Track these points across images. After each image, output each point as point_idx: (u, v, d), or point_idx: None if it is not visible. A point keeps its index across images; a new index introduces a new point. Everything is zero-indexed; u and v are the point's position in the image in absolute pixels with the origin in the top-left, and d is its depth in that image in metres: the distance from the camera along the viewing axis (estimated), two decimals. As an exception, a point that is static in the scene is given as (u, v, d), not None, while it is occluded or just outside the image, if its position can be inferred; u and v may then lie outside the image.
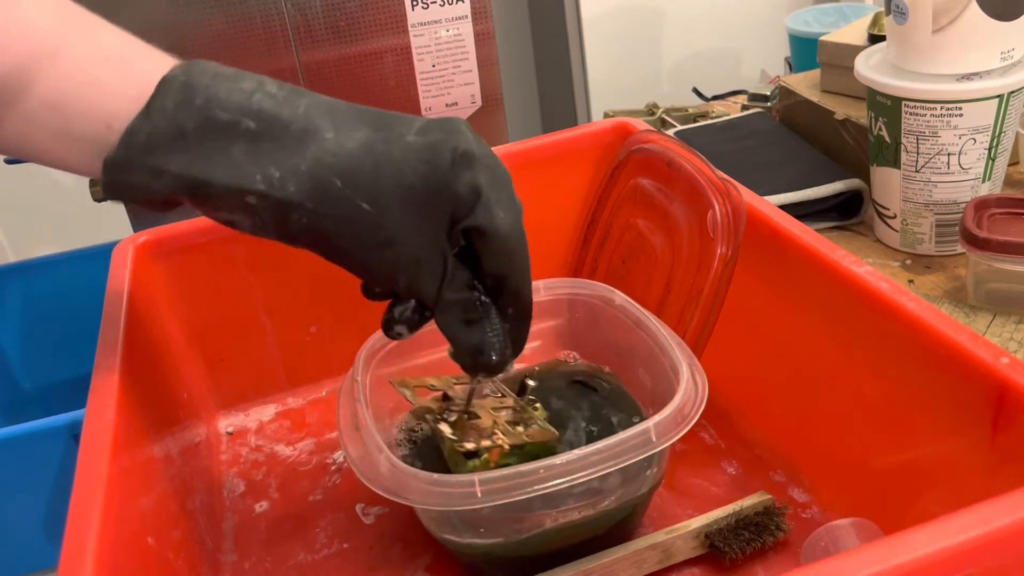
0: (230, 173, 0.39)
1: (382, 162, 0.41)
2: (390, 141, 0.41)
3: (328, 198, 0.40)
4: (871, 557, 0.32)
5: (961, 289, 0.73)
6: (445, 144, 0.41)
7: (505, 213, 0.43)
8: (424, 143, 0.41)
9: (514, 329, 0.47)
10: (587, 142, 0.73)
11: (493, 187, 0.43)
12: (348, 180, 0.40)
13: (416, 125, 0.42)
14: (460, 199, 0.42)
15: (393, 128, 0.42)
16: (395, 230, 0.41)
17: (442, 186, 0.41)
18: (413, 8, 0.89)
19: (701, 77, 1.55)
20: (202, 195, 0.40)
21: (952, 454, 0.46)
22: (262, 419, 0.70)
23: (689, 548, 0.51)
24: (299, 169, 0.39)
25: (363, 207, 0.40)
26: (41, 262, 1.02)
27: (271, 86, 0.41)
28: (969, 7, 0.68)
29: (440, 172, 0.41)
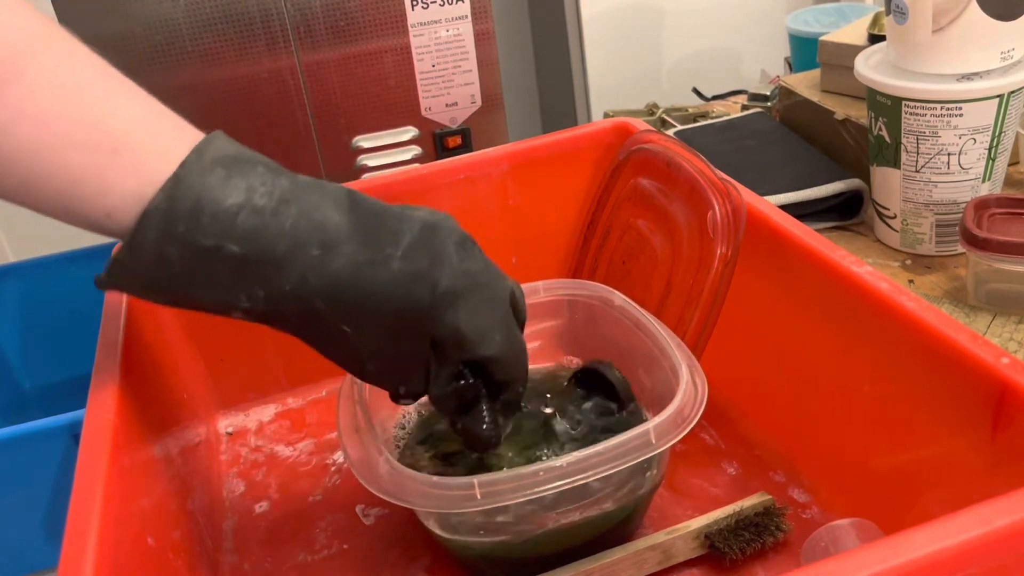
0: (216, 294, 0.41)
1: (365, 289, 0.42)
2: (376, 264, 0.42)
3: (310, 318, 0.42)
4: (871, 557, 0.32)
5: (961, 289, 0.73)
6: (427, 279, 0.43)
7: (496, 339, 0.45)
8: (408, 273, 0.42)
9: (507, 408, 0.50)
10: (587, 142, 0.73)
11: (477, 319, 0.44)
12: (331, 303, 0.42)
13: (404, 243, 0.43)
14: (441, 338, 0.44)
15: (381, 247, 0.42)
16: (375, 349, 0.43)
17: (421, 324, 0.43)
18: (413, 8, 0.89)
19: (701, 77, 1.55)
20: (191, 307, 0.42)
21: (952, 454, 0.45)
22: (262, 419, 0.70)
23: (689, 549, 0.51)
24: (283, 290, 0.41)
25: (344, 329, 0.42)
26: (41, 262, 1.02)
27: (260, 195, 0.41)
28: (969, 7, 0.68)
29: (420, 310, 0.43)
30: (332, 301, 0.42)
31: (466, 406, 0.48)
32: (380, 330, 0.43)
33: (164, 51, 0.93)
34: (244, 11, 0.95)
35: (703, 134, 0.99)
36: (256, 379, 0.71)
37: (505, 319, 0.46)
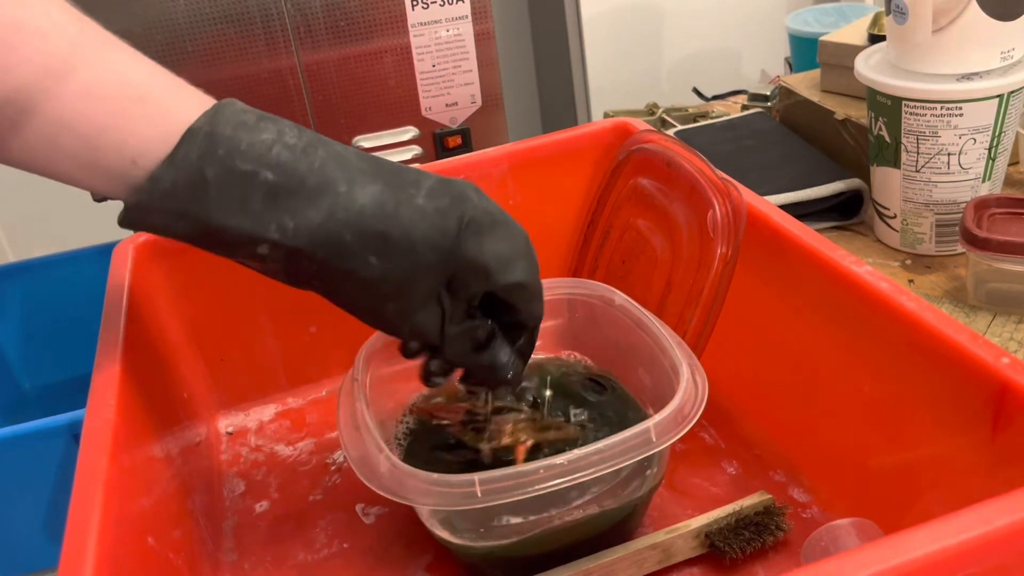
0: (247, 221, 0.41)
1: (391, 222, 0.43)
2: (400, 201, 0.43)
3: (338, 251, 0.42)
4: (871, 557, 0.32)
5: (961, 289, 0.73)
6: (452, 212, 0.44)
7: (521, 266, 0.46)
8: (433, 208, 0.44)
9: (523, 349, 0.51)
10: (587, 142, 0.73)
11: (502, 246, 0.45)
12: (358, 235, 0.42)
13: (425, 185, 0.44)
14: (467, 268, 0.45)
15: (404, 187, 0.44)
16: (398, 286, 0.44)
17: (449, 253, 0.44)
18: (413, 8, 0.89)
19: (701, 77, 1.55)
20: (215, 240, 0.42)
21: (952, 454, 0.46)
22: (262, 419, 0.70)
23: (689, 548, 0.51)
24: (313, 222, 0.42)
25: (370, 261, 0.43)
26: (41, 262, 1.02)
27: (290, 135, 0.42)
28: (969, 7, 0.68)
29: (447, 239, 0.44)
30: (359, 233, 0.42)
31: (481, 346, 0.49)
32: (405, 262, 0.43)
33: (164, 51, 0.94)
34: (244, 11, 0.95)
35: (703, 134, 0.99)
36: (256, 379, 0.71)
37: (528, 250, 0.47)
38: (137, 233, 0.67)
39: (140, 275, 0.63)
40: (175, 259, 0.66)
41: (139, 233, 0.67)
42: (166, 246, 0.66)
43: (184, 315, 0.67)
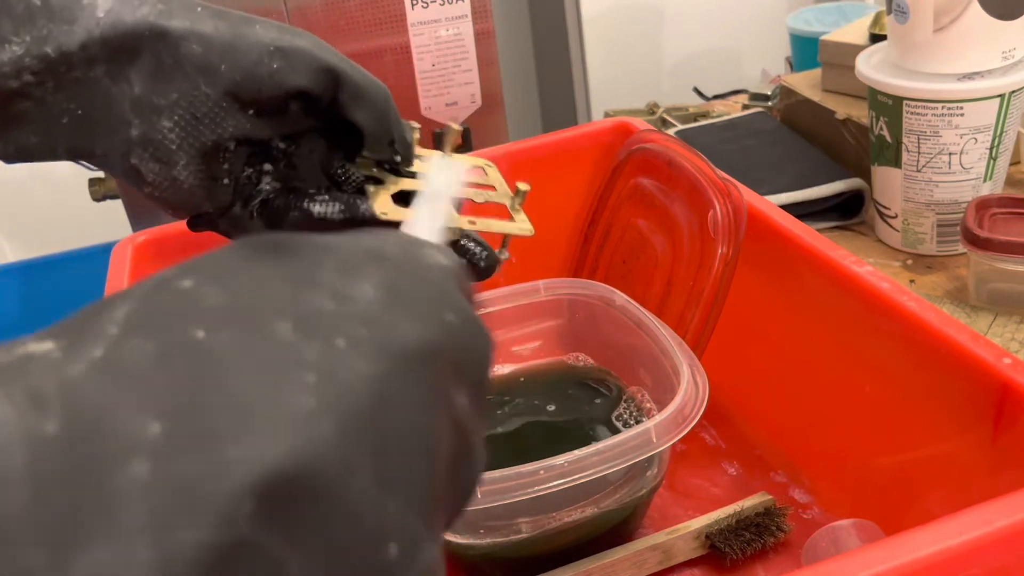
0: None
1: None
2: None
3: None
4: (872, 558, 0.32)
5: (962, 289, 0.73)
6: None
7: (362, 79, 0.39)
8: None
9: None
10: (587, 142, 0.73)
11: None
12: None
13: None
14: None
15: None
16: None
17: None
18: (413, 8, 0.89)
19: (701, 76, 1.55)
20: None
21: (954, 455, 0.45)
22: (262, 419, 0.70)
23: (690, 549, 0.51)
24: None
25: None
26: (41, 262, 1.02)
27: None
28: (970, 6, 0.68)
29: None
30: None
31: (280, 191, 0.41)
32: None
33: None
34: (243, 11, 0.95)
35: (704, 133, 0.99)
36: (256, 379, 0.71)
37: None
38: (136, 233, 0.67)
39: (139, 275, 0.62)
40: (175, 259, 0.66)
41: (138, 233, 0.66)
42: (166, 246, 0.66)
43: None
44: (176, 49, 0.36)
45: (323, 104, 0.38)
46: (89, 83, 0.35)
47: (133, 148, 0.37)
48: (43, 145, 0.36)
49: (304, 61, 0.37)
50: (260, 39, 0.37)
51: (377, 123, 0.39)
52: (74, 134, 0.36)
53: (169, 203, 0.39)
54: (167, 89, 0.36)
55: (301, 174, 0.41)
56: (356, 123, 0.39)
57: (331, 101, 0.38)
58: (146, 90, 0.36)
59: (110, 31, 0.35)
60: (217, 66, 0.36)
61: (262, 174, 0.40)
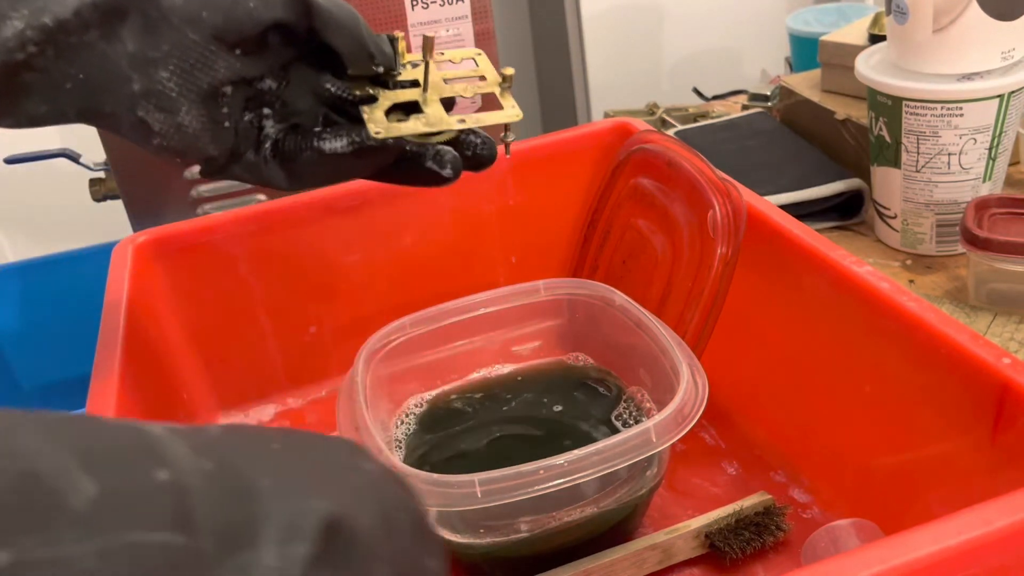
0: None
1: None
2: None
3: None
4: (871, 557, 0.32)
5: (962, 289, 0.73)
6: None
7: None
8: None
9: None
10: (587, 142, 0.73)
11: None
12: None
13: None
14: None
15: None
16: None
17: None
18: (413, 8, 0.89)
19: (701, 77, 1.55)
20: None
21: (953, 455, 0.45)
22: (262, 419, 0.70)
23: (689, 548, 0.51)
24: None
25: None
26: (41, 262, 1.02)
27: None
28: (970, 7, 0.68)
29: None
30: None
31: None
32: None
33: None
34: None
35: (703, 134, 0.99)
36: (256, 379, 0.71)
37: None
38: (137, 233, 0.67)
39: (140, 275, 0.63)
40: (175, 259, 0.66)
41: (139, 233, 0.67)
42: (166, 246, 0.66)
43: (184, 315, 0.67)
44: (159, 4, 0.38)
45: (300, 33, 0.41)
46: (86, 47, 0.37)
47: (138, 101, 0.39)
48: (53, 112, 0.38)
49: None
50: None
51: (351, 42, 0.42)
52: (80, 97, 0.38)
53: (177, 151, 0.41)
54: (158, 42, 0.38)
55: (299, 109, 0.44)
56: (333, 46, 0.42)
57: (307, 30, 0.41)
58: (139, 46, 0.38)
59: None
60: (199, 13, 0.39)
61: (263, 117, 0.43)
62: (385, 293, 0.71)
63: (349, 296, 0.71)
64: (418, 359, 0.60)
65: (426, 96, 0.45)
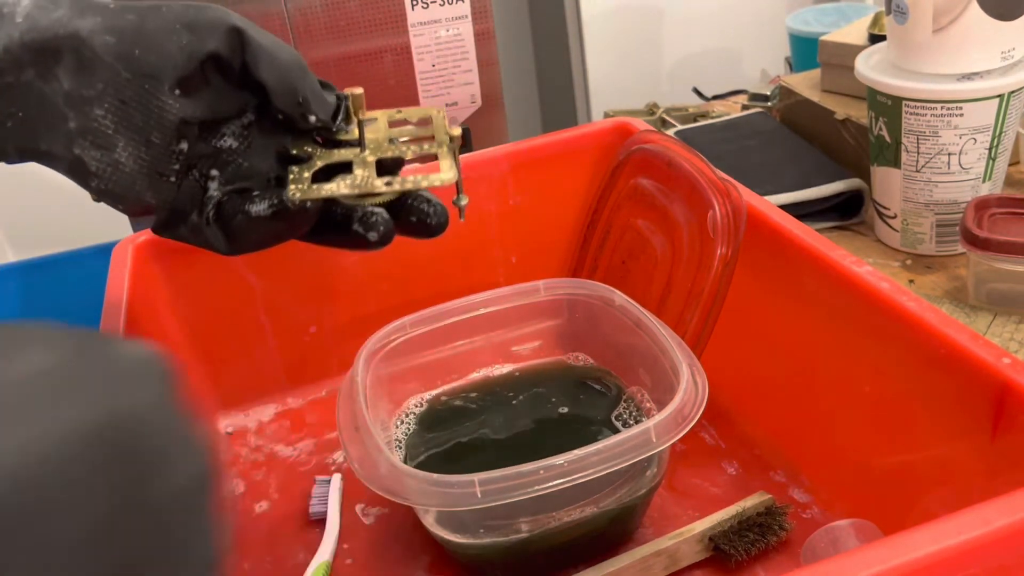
0: None
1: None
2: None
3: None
4: (871, 557, 0.32)
5: (962, 289, 0.73)
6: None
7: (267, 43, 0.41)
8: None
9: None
10: (587, 142, 0.73)
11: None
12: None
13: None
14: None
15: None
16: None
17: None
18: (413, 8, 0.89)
19: (701, 77, 1.55)
20: None
21: (953, 455, 0.45)
22: (262, 419, 0.70)
23: (694, 552, 0.51)
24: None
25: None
26: (41, 262, 1.02)
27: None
28: (970, 7, 0.68)
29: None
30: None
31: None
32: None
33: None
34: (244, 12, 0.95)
35: (703, 134, 0.99)
36: (256, 379, 0.71)
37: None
38: (137, 233, 0.67)
39: (140, 275, 0.63)
40: (175, 259, 0.66)
41: (139, 233, 0.67)
42: (166, 246, 0.66)
43: (184, 315, 0.67)
44: (91, 44, 0.38)
45: (235, 68, 0.40)
46: (22, 87, 0.38)
47: (75, 139, 0.39)
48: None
49: (209, 27, 0.39)
50: (166, 19, 0.39)
51: (280, 80, 0.40)
52: (19, 135, 0.38)
53: (114, 194, 0.40)
54: (92, 80, 0.38)
55: (256, 171, 0.42)
56: (262, 82, 0.40)
57: (241, 66, 0.40)
58: (74, 84, 0.38)
59: (28, 35, 0.37)
60: (131, 51, 0.38)
61: (208, 179, 0.42)
62: (385, 293, 0.71)
63: (349, 296, 0.71)
64: (418, 359, 0.60)
65: (363, 156, 0.43)
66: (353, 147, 0.43)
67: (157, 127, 0.39)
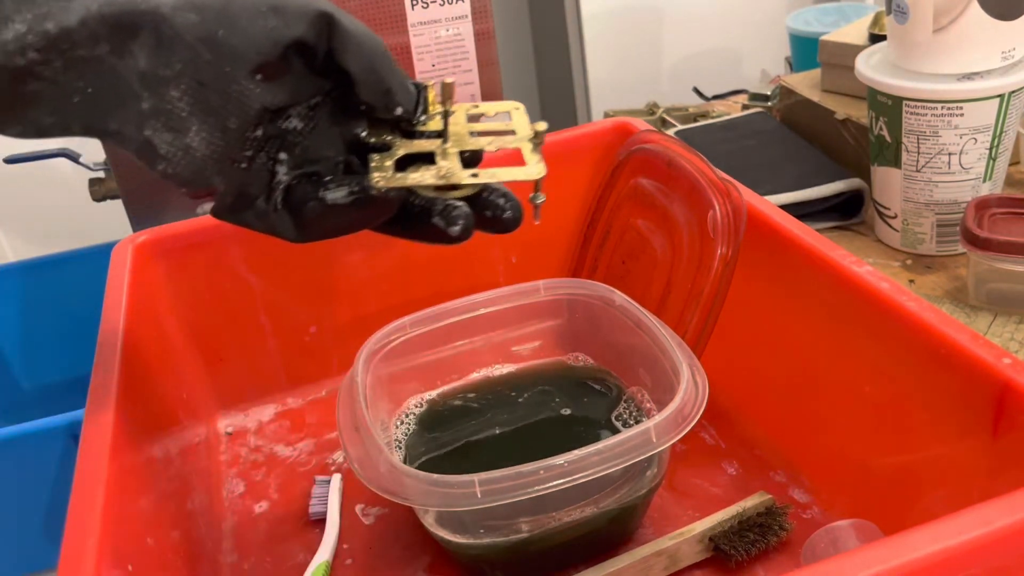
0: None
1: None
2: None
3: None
4: (871, 558, 0.32)
5: (962, 289, 0.73)
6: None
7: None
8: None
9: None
10: (587, 142, 0.73)
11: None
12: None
13: None
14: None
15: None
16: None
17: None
18: (413, 8, 0.89)
19: (701, 77, 1.55)
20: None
21: (953, 455, 0.45)
22: (262, 419, 0.70)
23: (694, 552, 0.51)
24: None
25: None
26: (41, 262, 1.02)
27: None
28: (970, 7, 0.68)
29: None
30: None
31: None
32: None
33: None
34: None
35: (703, 134, 0.99)
36: (256, 379, 0.71)
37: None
38: (137, 232, 0.67)
39: (139, 275, 0.63)
40: (175, 258, 0.66)
41: (139, 232, 0.67)
42: (166, 246, 0.66)
43: (184, 315, 0.67)
44: (172, 21, 0.36)
45: (319, 55, 0.38)
46: (96, 61, 0.35)
47: (146, 120, 0.37)
48: (59, 124, 0.36)
49: (298, 12, 0.38)
50: (253, 0, 0.37)
51: (368, 70, 0.39)
52: (88, 112, 0.36)
53: (183, 179, 0.38)
54: (171, 60, 0.36)
55: (322, 156, 0.41)
56: (348, 70, 0.38)
57: (327, 53, 0.38)
58: (151, 63, 0.36)
59: (107, 7, 0.35)
60: (215, 32, 0.37)
61: (276, 162, 0.40)
62: (385, 293, 0.71)
63: (349, 296, 0.71)
64: (418, 359, 0.60)
65: (445, 148, 0.41)
66: (432, 138, 0.42)
67: (236, 112, 0.38)
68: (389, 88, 0.40)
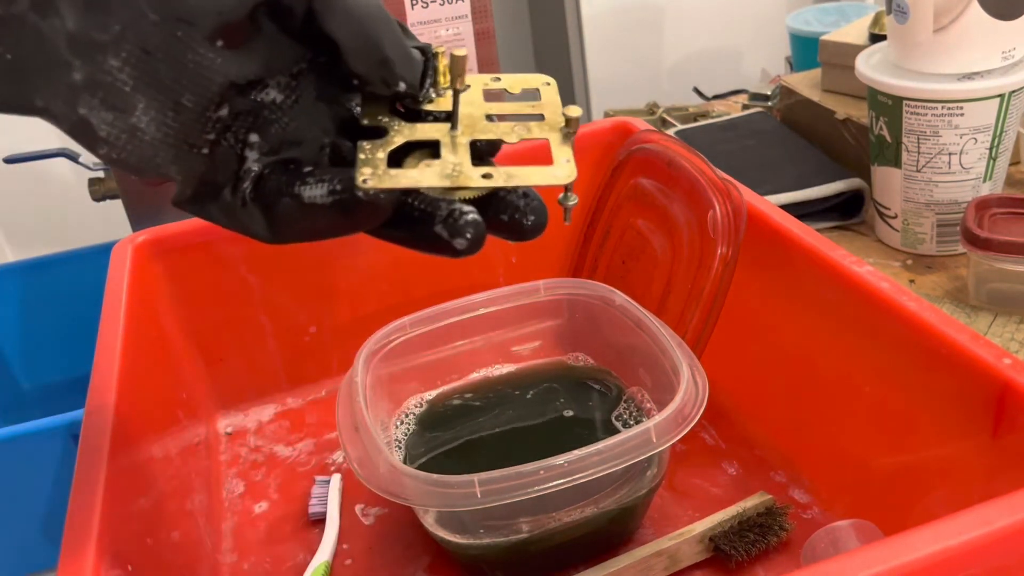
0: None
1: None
2: None
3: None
4: (871, 558, 0.32)
5: (962, 289, 0.73)
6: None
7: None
8: None
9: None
10: (587, 142, 0.73)
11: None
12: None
13: None
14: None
15: None
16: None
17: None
18: (413, 8, 0.89)
19: (701, 76, 1.55)
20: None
21: (953, 455, 0.45)
22: (261, 419, 0.70)
23: (694, 552, 0.51)
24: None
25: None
26: (41, 262, 1.02)
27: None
28: (970, 6, 0.68)
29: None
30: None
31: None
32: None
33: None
34: (244, 11, 0.95)
35: (704, 134, 0.99)
36: (256, 379, 0.71)
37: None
38: (136, 233, 0.67)
39: (139, 275, 0.63)
40: (174, 259, 0.66)
41: (138, 233, 0.67)
42: (166, 246, 0.66)
43: (184, 315, 0.67)
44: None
45: (298, 16, 0.31)
46: (12, 21, 0.28)
47: (79, 95, 0.29)
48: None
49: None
50: None
51: (357, 35, 0.31)
52: (6, 84, 0.29)
53: (131, 166, 0.31)
54: (107, 21, 0.29)
55: (304, 137, 0.33)
56: (332, 37, 0.31)
57: (307, 13, 0.31)
58: (82, 24, 0.28)
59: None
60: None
61: (246, 147, 0.32)
62: (385, 293, 0.71)
63: (349, 296, 0.71)
64: (418, 359, 0.60)
65: (454, 136, 0.33)
66: (441, 121, 0.34)
67: (192, 88, 0.30)
68: (385, 58, 0.32)
